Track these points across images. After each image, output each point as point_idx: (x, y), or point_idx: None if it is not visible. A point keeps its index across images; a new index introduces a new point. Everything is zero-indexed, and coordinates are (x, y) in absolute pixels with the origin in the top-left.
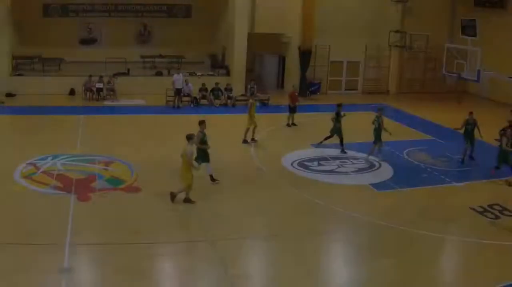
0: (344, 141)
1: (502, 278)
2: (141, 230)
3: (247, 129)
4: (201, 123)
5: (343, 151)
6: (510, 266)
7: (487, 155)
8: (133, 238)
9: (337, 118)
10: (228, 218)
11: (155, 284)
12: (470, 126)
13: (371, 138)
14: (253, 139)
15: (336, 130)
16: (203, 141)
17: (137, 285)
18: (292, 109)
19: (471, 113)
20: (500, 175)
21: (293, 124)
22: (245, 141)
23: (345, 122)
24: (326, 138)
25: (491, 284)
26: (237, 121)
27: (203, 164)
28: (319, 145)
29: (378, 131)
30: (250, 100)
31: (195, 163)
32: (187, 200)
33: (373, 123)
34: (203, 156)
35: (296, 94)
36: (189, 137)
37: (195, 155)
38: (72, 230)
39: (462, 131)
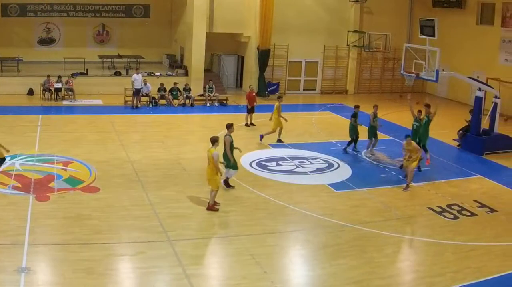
0: (311, 141)
1: (460, 278)
2: (101, 230)
3: (280, 130)
4: (229, 126)
5: (345, 150)
6: (467, 266)
7: (446, 154)
8: (92, 238)
9: (355, 120)
10: (187, 218)
11: (114, 284)
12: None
13: (328, 137)
14: (280, 140)
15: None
16: (231, 147)
17: (96, 285)
18: (250, 110)
19: (419, 111)
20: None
21: (252, 124)
22: (279, 141)
23: (304, 122)
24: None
25: (449, 284)
26: (195, 121)
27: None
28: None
29: (373, 128)
30: (277, 103)
31: (221, 167)
32: (211, 207)
33: (373, 121)
34: (229, 161)
35: (254, 95)
36: (214, 140)
37: (221, 158)
38: (31, 230)
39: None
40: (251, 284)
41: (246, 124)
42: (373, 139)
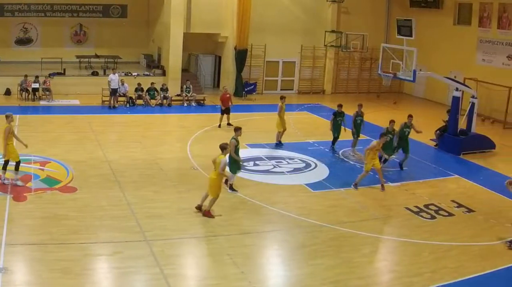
0: (289, 141)
1: (437, 278)
2: (78, 230)
3: (279, 133)
4: (237, 130)
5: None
6: (445, 266)
7: (423, 154)
8: (69, 238)
9: (336, 118)
10: (165, 218)
11: (91, 284)
12: (407, 130)
13: (306, 137)
14: (280, 142)
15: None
16: (236, 150)
17: (73, 285)
18: (225, 111)
19: (410, 116)
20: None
21: (229, 124)
22: (279, 143)
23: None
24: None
25: (426, 284)
26: (173, 121)
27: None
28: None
29: (358, 127)
30: (280, 104)
31: (227, 172)
32: (208, 214)
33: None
34: (234, 164)
35: (228, 96)
36: (223, 148)
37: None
38: (8, 230)
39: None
40: (229, 284)
41: (219, 126)
42: (355, 136)
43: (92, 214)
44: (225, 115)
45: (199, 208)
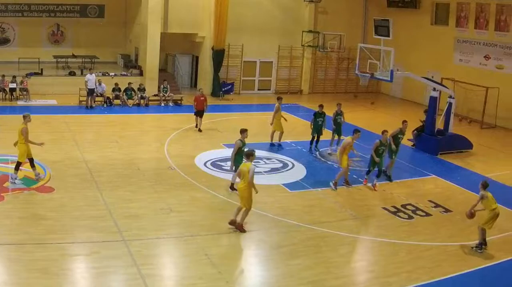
0: (266, 141)
1: (414, 278)
2: (55, 230)
3: (280, 134)
4: (243, 131)
5: (311, 149)
6: (422, 266)
7: (401, 155)
8: (47, 238)
9: (316, 119)
10: (142, 218)
11: (69, 284)
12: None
13: (283, 138)
14: (273, 143)
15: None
16: (241, 151)
17: (51, 285)
18: (198, 113)
19: (404, 121)
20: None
21: (199, 130)
22: (272, 144)
23: (259, 122)
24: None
25: (403, 284)
26: (150, 121)
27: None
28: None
29: (340, 125)
30: (276, 104)
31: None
32: (241, 228)
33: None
34: (236, 165)
35: (202, 98)
36: (249, 155)
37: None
38: None
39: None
40: (206, 284)
41: (197, 126)
42: (336, 135)
43: (70, 214)
44: (199, 120)
45: (233, 223)
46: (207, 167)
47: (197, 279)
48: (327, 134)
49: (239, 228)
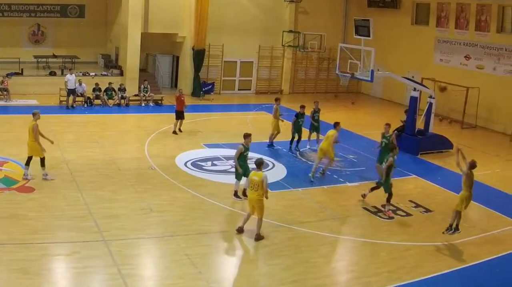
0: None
1: (395, 278)
2: (36, 230)
3: (276, 134)
4: (247, 136)
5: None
6: (402, 266)
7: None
8: (28, 238)
9: (297, 119)
10: (122, 218)
11: (49, 284)
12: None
13: (263, 138)
14: (270, 145)
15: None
16: (242, 156)
17: (31, 284)
18: (178, 115)
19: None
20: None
21: (179, 130)
22: (270, 144)
23: (239, 122)
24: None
25: (384, 284)
26: (130, 121)
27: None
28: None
29: (319, 122)
30: (275, 106)
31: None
32: (259, 237)
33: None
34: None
35: (182, 98)
36: (260, 163)
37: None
38: None
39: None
40: (186, 284)
41: (174, 132)
42: (314, 133)
43: (50, 214)
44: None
45: (240, 230)
46: (187, 167)
47: (178, 279)
48: (306, 133)
49: (258, 237)
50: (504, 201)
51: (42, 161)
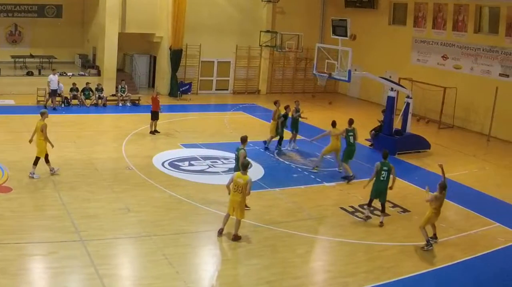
0: (224, 141)
1: (372, 278)
2: (13, 230)
3: (272, 137)
4: (245, 140)
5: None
6: (380, 266)
7: (358, 155)
8: (5, 237)
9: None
10: (100, 218)
11: (27, 284)
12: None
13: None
14: (267, 147)
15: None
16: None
17: (9, 285)
18: (154, 116)
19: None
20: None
21: (155, 131)
22: (267, 148)
23: (217, 122)
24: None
25: (361, 284)
26: (108, 121)
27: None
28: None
29: (296, 121)
30: (275, 108)
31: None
32: (236, 238)
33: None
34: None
35: (158, 99)
36: (246, 165)
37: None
38: None
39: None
40: (164, 284)
41: (151, 132)
42: (294, 132)
43: (27, 214)
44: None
45: (221, 232)
46: (165, 167)
47: (155, 279)
48: (287, 134)
49: (235, 238)
50: (481, 201)
51: (37, 160)
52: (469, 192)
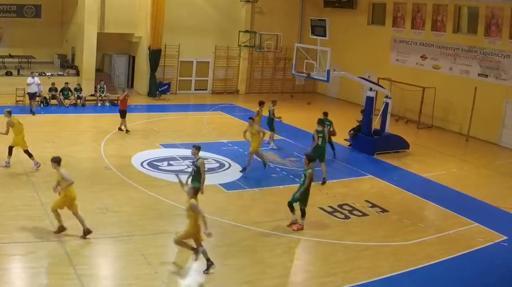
0: (203, 141)
1: (351, 278)
2: None
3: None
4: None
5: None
6: (359, 266)
7: (337, 154)
8: None
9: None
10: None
11: (5, 284)
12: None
13: (219, 137)
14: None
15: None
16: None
17: None
18: (122, 114)
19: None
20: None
21: (126, 130)
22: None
23: (196, 122)
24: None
25: (340, 284)
26: (87, 121)
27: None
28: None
29: (272, 121)
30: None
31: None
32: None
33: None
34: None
35: (126, 98)
36: (195, 191)
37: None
38: None
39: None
40: (143, 284)
41: (120, 129)
42: (271, 131)
43: (5, 214)
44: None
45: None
46: (143, 167)
47: (134, 279)
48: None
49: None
50: (460, 200)
51: (28, 153)
52: (448, 191)
